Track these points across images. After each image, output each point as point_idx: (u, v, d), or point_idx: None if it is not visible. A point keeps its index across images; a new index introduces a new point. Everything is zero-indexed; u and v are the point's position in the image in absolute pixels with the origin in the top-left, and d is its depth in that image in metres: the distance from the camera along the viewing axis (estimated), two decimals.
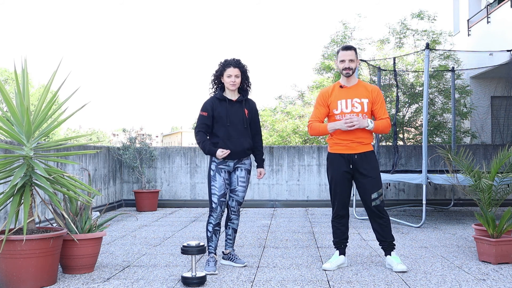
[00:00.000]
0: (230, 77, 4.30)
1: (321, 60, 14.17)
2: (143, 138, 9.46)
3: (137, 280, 3.97)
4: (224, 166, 4.34)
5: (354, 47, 4.40)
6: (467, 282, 3.84)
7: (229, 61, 4.34)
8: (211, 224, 4.33)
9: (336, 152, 4.36)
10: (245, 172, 4.45)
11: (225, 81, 4.33)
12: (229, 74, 4.30)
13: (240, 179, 4.41)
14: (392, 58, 9.04)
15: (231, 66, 4.30)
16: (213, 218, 4.32)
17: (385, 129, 4.35)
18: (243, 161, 4.42)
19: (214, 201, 4.30)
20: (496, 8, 11.00)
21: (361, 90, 4.36)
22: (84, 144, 5.74)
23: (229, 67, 4.30)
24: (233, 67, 4.29)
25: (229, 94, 4.40)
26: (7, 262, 3.69)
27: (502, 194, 5.04)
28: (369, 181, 4.27)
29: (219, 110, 4.32)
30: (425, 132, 7.00)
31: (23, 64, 4.10)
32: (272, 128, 15.92)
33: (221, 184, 4.29)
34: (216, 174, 4.31)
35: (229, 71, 4.30)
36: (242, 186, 4.43)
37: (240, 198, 4.45)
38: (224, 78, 4.33)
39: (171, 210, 8.97)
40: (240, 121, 4.36)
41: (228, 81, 4.31)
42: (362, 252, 5.03)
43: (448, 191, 9.32)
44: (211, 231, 4.34)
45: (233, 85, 4.32)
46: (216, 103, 4.35)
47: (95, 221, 4.43)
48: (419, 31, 12.70)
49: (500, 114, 10.92)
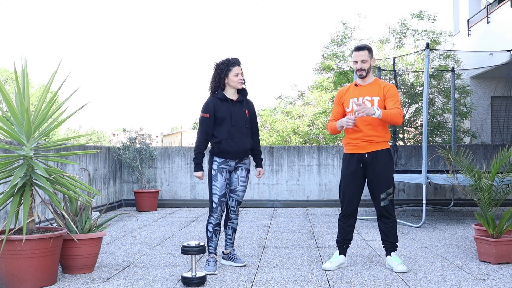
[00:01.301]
0: (237, 75, 4.31)
1: (321, 60, 14.18)
2: (143, 138, 9.47)
3: (137, 280, 3.97)
4: (226, 165, 4.34)
5: (367, 46, 4.33)
6: (467, 282, 3.84)
7: (233, 60, 4.35)
8: (211, 224, 4.33)
9: (348, 152, 4.36)
10: (246, 172, 4.47)
11: (232, 80, 4.31)
12: (236, 72, 4.30)
13: (241, 179, 4.43)
14: (392, 58, 9.04)
15: (236, 64, 4.32)
16: (213, 218, 4.32)
17: (395, 118, 4.14)
18: (243, 161, 4.44)
19: (214, 201, 4.30)
20: (496, 8, 10.99)
21: (374, 88, 4.31)
22: (84, 144, 5.74)
23: (235, 66, 4.30)
24: (238, 66, 4.32)
25: (230, 94, 4.39)
26: (7, 262, 3.69)
27: (502, 194, 5.04)
28: (378, 181, 4.24)
29: (222, 110, 4.30)
30: (425, 132, 7.00)
31: (23, 64, 4.10)
32: (272, 128, 15.93)
33: (222, 184, 4.29)
34: (218, 174, 4.30)
35: (235, 69, 4.30)
36: (242, 185, 4.45)
37: (240, 198, 4.47)
38: (231, 77, 4.31)
39: (171, 210, 8.97)
40: (242, 121, 4.36)
41: (236, 80, 4.31)
42: (362, 252, 5.03)
43: (448, 191, 9.32)
44: (211, 231, 4.34)
45: (241, 83, 4.35)
46: (218, 104, 4.32)
47: (95, 221, 4.43)
48: (419, 31, 12.70)
49: (500, 114, 10.93)
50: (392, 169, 4.35)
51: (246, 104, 4.46)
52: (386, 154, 4.29)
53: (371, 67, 4.34)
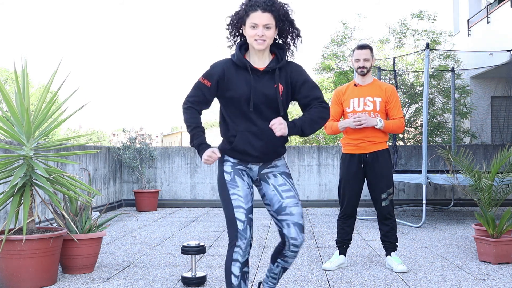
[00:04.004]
0: (255, 27, 2.62)
1: (321, 60, 14.17)
2: (143, 138, 9.46)
3: (137, 280, 3.97)
4: (244, 167, 2.80)
5: (369, 45, 4.35)
6: (467, 282, 3.84)
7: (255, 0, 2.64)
8: (238, 262, 2.60)
9: (348, 152, 4.35)
10: (284, 177, 2.82)
11: (247, 33, 2.67)
12: (253, 22, 2.62)
13: (282, 189, 2.78)
14: (392, 58, 9.04)
15: (259, 8, 2.61)
16: (240, 251, 2.60)
17: (397, 129, 4.28)
18: (274, 164, 2.85)
19: (239, 219, 2.61)
20: (496, 8, 11.00)
21: (375, 88, 4.32)
22: (84, 144, 5.74)
23: (256, 10, 2.61)
24: (261, 10, 2.60)
25: (255, 57, 2.74)
26: (7, 262, 3.69)
27: (502, 194, 5.04)
28: (378, 181, 4.24)
29: (235, 83, 2.69)
30: (425, 132, 7.00)
31: (23, 64, 4.10)
32: None
33: (246, 193, 2.71)
34: (235, 177, 2.73)
35: (255, 16, 2.62)
36: (290, 197, 2.76)
37: (298, 218, 2.76)
38: (246, 28, 2.67)
39: (171, 210, 8.97)
40: (269, 104, 2.71)
41: (251, 34, 2.64)
42: (362, 252, 5.03)
43: (448, 191, 9.32)
44: (238, 275, 2.61)
45: (261, 43, 2.64)
46: (230, 71, 2.71)
47: (95, 221, 4.43)
48: (419, 31, 12.70)
49: (500, 114, 10.94)
50: (392, 169, 4.36)
51: (283, 73, 2.74)
52: (386, 154, 4.31)
53: (372, 67, 4.35)
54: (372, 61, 4.32)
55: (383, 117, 4.29)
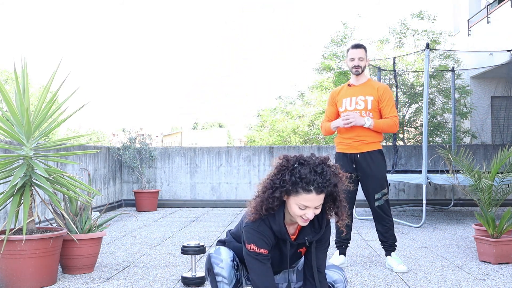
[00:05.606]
0: (305, 209, 2.36)
1: (321, 60, 14.19)
2: (143, 138, 9.46)
3: (137, 280, 3.97)
4: None
5: (364, 45, 4.34)
6: (467, 282, 3.84)
7: (309, 182, 2.35)
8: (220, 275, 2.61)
9: (341, 152, 4.35)
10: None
11: (293, 210, 2.39)
12: (303, 204, 2.36)
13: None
14: (392, 58, 9.04)
15: (314, 191, 2.35)
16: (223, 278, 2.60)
17: (389, 128, 4.23)
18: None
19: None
20: (496, 8, 11.00)
21: (368, 87, 4.30)
22: (84, 144, 5.74)
23: (309, 192, 2.34)
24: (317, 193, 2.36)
25: (290, 227, 2.52)
26: (7, 262, 3.69)
27: (502, 194, 5.04)
28: (372, 181, 4.23)
29: (273, 251, 2.51)
30: (425, 132, 7.00)
31: (23, 64, 4.09)
32: (272, 128, 15.94)
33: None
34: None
35: (305, 197, 2.35)
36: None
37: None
38: (291, 203, 2.39)
39: (171, 210, 8.97)
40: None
41: (299, 214, 2.37)
42: (362, 252, 5.03)
43: (448, 191, 9.32)
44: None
45: (306, 220, 2.40)
46: (272, 240, 2.47)
47: (95, 221, 4.43)
48: (419, 31, 12.71)
49: (500, 114, 10.93)
50: (385, 169, 4.33)
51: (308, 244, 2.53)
52: (378, 155, 4.28)
53: (366, 66, 4.35)
54: (366, 60, 4.31)
55: (376, 116, 4.26)
